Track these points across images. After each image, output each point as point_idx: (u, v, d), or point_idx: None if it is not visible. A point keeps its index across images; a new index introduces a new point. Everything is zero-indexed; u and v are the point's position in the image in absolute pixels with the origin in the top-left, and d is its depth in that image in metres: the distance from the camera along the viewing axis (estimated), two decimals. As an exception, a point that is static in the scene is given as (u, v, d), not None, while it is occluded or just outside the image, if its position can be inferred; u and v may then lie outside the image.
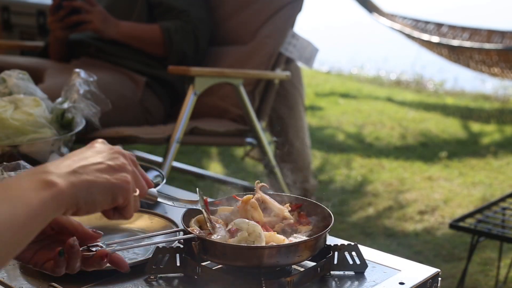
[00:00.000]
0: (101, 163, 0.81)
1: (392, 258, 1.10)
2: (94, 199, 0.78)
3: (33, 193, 0.72)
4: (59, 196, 0.74)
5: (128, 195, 0.82)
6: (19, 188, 0.73)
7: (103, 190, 0.79)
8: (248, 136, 2.44)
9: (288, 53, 2.49)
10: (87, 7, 2.37)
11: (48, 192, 0.73)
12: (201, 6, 2.57)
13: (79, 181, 0.77)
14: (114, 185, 0.80)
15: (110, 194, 0.80)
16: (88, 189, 0.77)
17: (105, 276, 1.01)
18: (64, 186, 0.75)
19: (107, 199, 0.80)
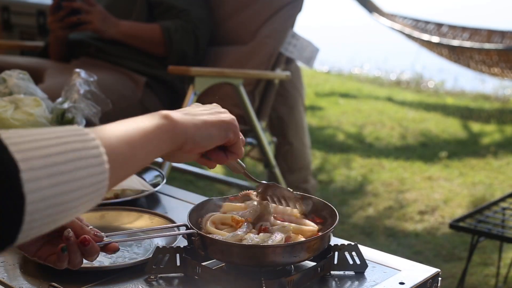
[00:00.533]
0: (207, 110, 0.90)
1: (392, 258, 1.10)
2: (210, 133, 0.86)
3: (148, 121, 0.79)
4: (175, 126, 0.81)
5: (237, 130, 0.91)
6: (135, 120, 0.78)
7: (216, 125, 0.87)
8: (248, 136, 2.44)
9: (288, 53, 2.49)
10: (87, 7, 2.37)
11: (164, 121, 0.80)
12: (201, 6, 2.57)
13: (194, 119, 0.85)
14: (225, 121, 0.88)
15: (223, 129, 0.88)
16: (203, 126, 0.85)
17: (105, 276, 1.02)
18: (180, 120, 0.82)
19: (221, 133, 0.88)
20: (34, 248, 0.91)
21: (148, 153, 0.77)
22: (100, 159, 0.68)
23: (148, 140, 0.76)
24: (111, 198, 1.35)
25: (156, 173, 1.53)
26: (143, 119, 0.79)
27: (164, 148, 0.80)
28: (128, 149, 0.73)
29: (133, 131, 0.75)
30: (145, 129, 0.77)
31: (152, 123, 0.78)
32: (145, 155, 0.76)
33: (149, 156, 0.77)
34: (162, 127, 0.79)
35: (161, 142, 0.79)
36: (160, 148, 0.79)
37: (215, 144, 0.89)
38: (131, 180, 1.41)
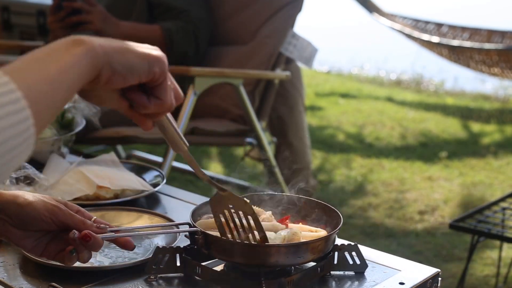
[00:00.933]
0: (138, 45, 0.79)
1: (392, 258, 1.10)
2: (130, 63, 0.75)
3: (63, 50, 0.71)
4: (91, 52, 0.72)
5: (165, 68, 0.78)
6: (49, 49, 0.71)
7: (139, 56, 0.76)
8: (248, 136, 2.44)
9: (288, 53, 2.49)
10: (87, 8, 2.37)
11: (80, 48, 0.71)
12: (201, 6, 2.57)
13: (114, 45, 0.75)
14: (150, 55, 0.77)
15: (147, 61, 0.76)
16: (123, 53, 0.75)
17: (105, 276, 1.01)
18: (97, 45, 0.73)
19: (143, 65, 0.76)
20: (39, 248, 0.92)
21: (69, 86, 0.70)
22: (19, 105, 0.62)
23: (69, 73, 0.69)
24: (111, 198, 1.35)
25: (156, 173, 1.53)
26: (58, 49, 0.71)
27: (84, 78, 0.71)
28: (49, 87, 0.66)
29: (50, 66, 0.68)
30: (64, 61, 0.69)
31: (69, 51, 0.70)
32: (66, 90, 0.69)
33: (71, 90, 0.70)
34: (81, 54, 0.71)
35: (81, 72, 0.71)
36: (80, 79, 0.71)
37: (137, 76, 0.76)
38: (131, 180, 1.41)
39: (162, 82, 0.79)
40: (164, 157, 2.15)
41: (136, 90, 0.79)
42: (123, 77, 0.75)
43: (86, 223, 0.92)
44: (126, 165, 1.54)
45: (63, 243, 0.92)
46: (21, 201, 0.91)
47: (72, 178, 1.38)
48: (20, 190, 1.10)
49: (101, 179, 1.37)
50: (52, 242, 0.92)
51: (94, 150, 3.08)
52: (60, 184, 1.36)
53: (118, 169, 1.47)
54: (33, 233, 0.91)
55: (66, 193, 1.33)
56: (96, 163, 1.48)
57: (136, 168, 1.54)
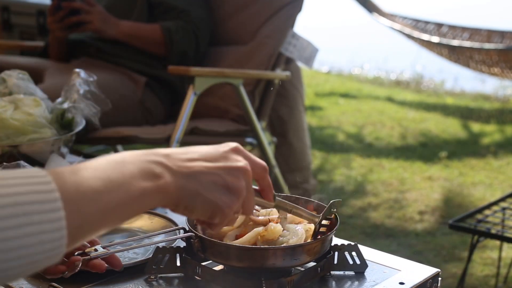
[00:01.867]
0: (220, 177, 0.76)
1: (392, 258, 1.10)
2: (194, 208, 0.74)
3: (138, 180, 0.67)
4: (162, 193, 0.70)
5: (225, 218, 0.78)
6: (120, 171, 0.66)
7: (207, 205, 0.75)
8: (248, 136, 2.44)
9: (288, 53, 2.49)
10: (87, 8, 2.36)
11: (153, 184, 0.68)
12: (201, 6, 2.57)
13: (190, 187, 0.73)
14: (218, 206, 0.76)
15: (211, 211, 0.76)
16: (194, 198, 0.73)
17: (105, 276, 1.01)
18: (172, 186, 0.71)
19: (205, 214, 0.76)
20: None
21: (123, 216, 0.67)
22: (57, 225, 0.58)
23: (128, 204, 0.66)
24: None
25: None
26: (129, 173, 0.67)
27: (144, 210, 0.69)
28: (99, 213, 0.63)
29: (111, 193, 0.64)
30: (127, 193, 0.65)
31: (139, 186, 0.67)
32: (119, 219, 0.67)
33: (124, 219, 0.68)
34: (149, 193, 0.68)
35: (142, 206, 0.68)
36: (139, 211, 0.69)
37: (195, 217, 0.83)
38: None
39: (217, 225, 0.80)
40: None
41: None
42: (182, 214, 0.76)
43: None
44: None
45: None
46: None
47: (72, 178, 1.37)
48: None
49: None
50: None
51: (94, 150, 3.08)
52: (60, 184, 1.36)
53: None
54: None
55: (66, 193, 1.33)
56: (96, 163, 1.48)
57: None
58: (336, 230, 1.01)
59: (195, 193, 0.73)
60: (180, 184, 0.71)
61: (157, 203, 0.70)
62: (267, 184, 0.87)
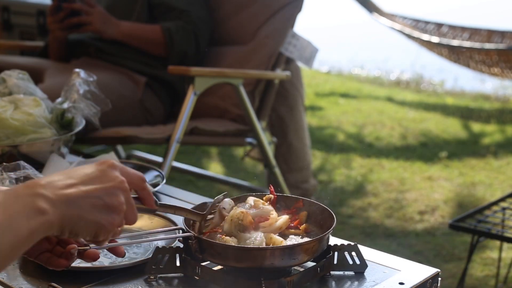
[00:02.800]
0: (99, 198, 0.81)
1: (392, 258, 1.10)
2: (78, 232, 0.80)
3: (23, 220, 0.72)
4: (48, 225, 0.75)
5: (109, 235, 0.84)
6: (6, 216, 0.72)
7: (90, 227, 0.80)
8: (248, 136, 2.44)
9: (288, 53, 2.49)
10: (87, 9, 2.36)
11: (39, 220, 0.74)
12: (201, 6, 2.57)
13: (71, 214, 0.78)
14: (101, 226, 0.81)
15: (94, 231, 0.81)
16: (77, 223, 0.79)
17: (105, 276, 1.01)
18: (56, 217, 0.76)
19: (90, 234, 0.82)
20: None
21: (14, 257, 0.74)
22: None
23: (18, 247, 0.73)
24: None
25: (156, 173, 1.53)
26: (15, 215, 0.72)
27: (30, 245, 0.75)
28: None
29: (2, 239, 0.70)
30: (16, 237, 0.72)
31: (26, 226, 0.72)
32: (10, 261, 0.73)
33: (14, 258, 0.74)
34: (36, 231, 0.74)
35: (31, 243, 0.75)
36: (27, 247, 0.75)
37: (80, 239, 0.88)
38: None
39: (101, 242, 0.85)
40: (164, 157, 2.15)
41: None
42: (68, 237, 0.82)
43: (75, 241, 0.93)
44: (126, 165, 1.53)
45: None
46: None
47: (72, 178, 1.37)
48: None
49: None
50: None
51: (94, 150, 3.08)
52: (60, 184, 1.36)
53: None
54: None
55: (66, 193, 1.33)
56: (96, 163, 1.48)
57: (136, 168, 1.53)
58: (334, 230, 1.01)
59: (77, 218, 0.78)
60: (62, 213, 0.77)
61: (44, 235, 0.76)
62: (147, 193, 0.91)
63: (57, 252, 0.93)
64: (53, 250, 0.93)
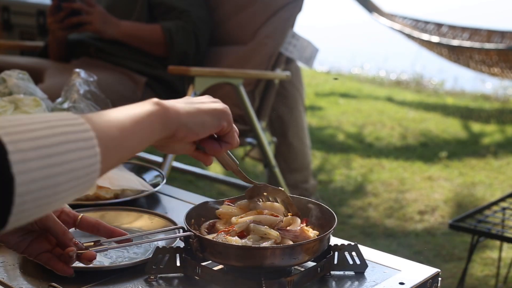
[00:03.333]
0: (200, 100, 0.89)
1: (392, 258, 1.10)
2: (203, 120, 0.86)
3: (139, 107, 0.79)
4: (167, 112, 0.81)
5: (231, 118, 0.91)
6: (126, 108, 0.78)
7: (209, 113, 0.87)
8: (248, 136, 2.44)
9: (288, 53, 2.49)
10: (87, 8, 2.36)
11: (156, 107, 0.80)
12: (201, 6, 2.57)
13: (186, 107, 0.85)
14: (218, 110, 0.88)
15: (217, 116, 0.88)
16: (196, 112, 0.85)
17: (105, 276, 1.01)
18: (172, 106, 0.82)
19: (214, 121, 0.87)
20: (23, 245, 0.92)
21: (140, 139, 0.77)
22: (90, 142, 0.67)
23: (140, 125, 0.76)
24: (111, 198, 1.35)
25: (156, 173, 1.53)
26: (134, 106, 0.79)
27: (156, 134, 0.79)
28: (119, 134, 0.73)
29: (124, 117, 0.75)
30: (136, 115, 0.76)
31: (144, 109, 0.78)
32: (137, 141, 0.76)
33: (142, 142, 0.77)
34: (154, 113, 0.79)
35: (153, 128, 0.78)
36: (152, 134, 0.79)
37: (209, 131, 0.88)
38: (131, 180, 1.41)
39: (230, 130, 0.92)
40: (164, 157, 2.15)
41: (208, 139, 0.92)
42: (196, 134, 0.86)
43: (67, 235, 0.93)
44: (126, 165, 1.54)
45: (47, 243, 0.93)
46: None
47: (72, 178, 1.37)
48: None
49: (101, 179, 1.37)
50: (36, 241, 0.93)
51: (94, 150, 3.07)
52: (60, 184, 1.36)
53: (118, 169, 1.47)
54: (17, 230, 0.92)
55: (66, 193, 1.33)
56: (96, 163, 1.48)
57: (136, 168, 1.54)
58: (335, 230, 1.01)
59: (195, 110, 0.85)
60: (178, 106, 0.84)
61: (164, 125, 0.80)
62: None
63: (57, 253, 0.93)
64: (53, 251, 0.93)
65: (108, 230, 0.99)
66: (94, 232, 0.99)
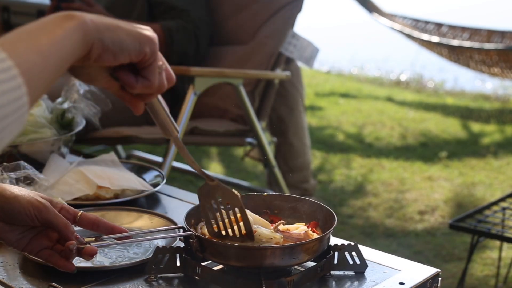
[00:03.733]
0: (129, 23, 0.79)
1: (392, 258, 1.10)
2: (121, 40, 0.75)
3: (54, 24, 0.70)
4: (83, 27, 0.72)
5: (155, 48, 0.79)
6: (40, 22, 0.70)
7: (131, 35, 0.76)
8: (248, 136, 2.44)
9: (288, 53, 2.49)
10: (86, 8, 2.36)
11: (72, 22, 0.71)
12: (202, 6, 2.57)
13: (105, 21, 0.75)
14: (141, 34, 0.77)
15: (137, 40, 0.76)
16: (115, 30, 0.75)
17: (105, 276, 1.01)
18: (89, 20, 0.73)
19: (134, 44, 0.76)
20: (24, 241, 0.92)
21: (61, 58, 0.70)
22: (10, 73, 0.61)
23: (59, 44, 0.69)
24: (111, 198, 1.35)
25: (156, 173, 1.53)
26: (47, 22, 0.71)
27: (75, 50, 0.71)
28: (40, 58, 0.66)
29: (42, 37, 0.68)
30: (54, 33, 0.69)
31: (60, 25, 0.70)
32: (59, 61, 0.69)
33: (63, 61, 0.70)
34: (70, 27, 0.71)
35: (73, 46, 0.71)
36: (71, 51, 0.71)
37: (128, 55, 0.76)
38: (131, 180, 1.41)
39: (151, 63, 0.79)
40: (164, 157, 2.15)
41: (125, 70, 0.79)
42: (113, 55, 0.75)
43: (69, 228, 0.93)
44: (126, 165, 1.54)
45: (48, 240, 0.93)
46: (8, 194, 0.91)
47: (72, 178, 1.38)
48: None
49: (101, 179, 1.37)
50: (37, 238, 0.93)
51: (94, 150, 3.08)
52: (60, 184, 1.36)
53: (118, 169, 1.47)
54: (17, 227, 0.92)
55: (66, 193, 1.33)
56: (96, 163, 1.48)
57: (136, 168, 1.54)
58: (335, 230, 1.01)
59: (115, 26, 0.75)
60: (97, 21, 0.74)
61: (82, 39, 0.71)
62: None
63: (57, 249, 0.93)
64: (53, 248, 0.94)
65: (108, 227, 0.98)
66: (94, 228, 0.99)
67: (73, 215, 0.98)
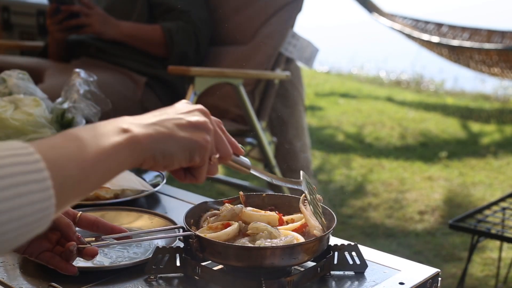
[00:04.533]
0: (181, 119, 0.79)
1: (392, 258, 1.10)
2: (171, 152, 0.76)
3: (105, 137, 0.69)
4: (133, 143, 0.72)
5: (205, 154, 0.80)
6: (91, 133, 0.69)
7: (181, 145, 0.77)
8: (248, 136, 2.44)
9: (288, 53, 2.49)
10: (86, 10, 2.36)
11: (122, 137, 0.71)
12: (202, 6, 2.57)
13: (157, 132, 0.75)
14: (192, 141, 0.78)
15: (188, 150, 0.78)
16: (166, 142, 0.75)
17: (105, 276, 1.01)
18: (140, 135, 0.72)
19: (184, 155, 0.77)
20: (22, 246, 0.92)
21: (102, 174, 0.69)
22: (43, 185, 0.60)
23: (103, 160, 0.68)
24: (111, 198, 1.35)
25: (156, 173, 1.53)
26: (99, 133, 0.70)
27: (122, 168, 0.71)
28: (78, 171, 0.65)
29: (87, 149, 0.67)
30: (100, 148, 0.68)
31: (110, 140, 0.69)
32: (99, 177, 0.69)
33: (105, 177, 0.70)
34: (121, 142, 0.70)
35: (118, 162, 0.70)
36: (117, 169, 0.71)
37: (178, 165, 0.78)
38: (130, 180, 1.41)
39: (201, 167, 0.81)
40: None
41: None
42: (164, 167, 0.77)
43: (71, 228, 0.93)
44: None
45: (47, 242, 0.93)
46: None
47: (72, 178, 1.38)
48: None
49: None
50: (36, 240, 0.92)
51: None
52: (60, 184, 1.36)
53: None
54: None
55: (66, 193, 1.33)
56: (96, 163, 1.48)
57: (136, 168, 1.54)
58: (335, 230, 1.01)
59: (167, 137, 0.75)
60: (149, 132, 0.74)
61: (132, 156, 0.72)
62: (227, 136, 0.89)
63: (58, 251, 0.93)
64: (53, 250, 0.93)
65: (108, 227, 0.98)
66: (94, 229, 0.99)
67: (72, 216, 0.98)
